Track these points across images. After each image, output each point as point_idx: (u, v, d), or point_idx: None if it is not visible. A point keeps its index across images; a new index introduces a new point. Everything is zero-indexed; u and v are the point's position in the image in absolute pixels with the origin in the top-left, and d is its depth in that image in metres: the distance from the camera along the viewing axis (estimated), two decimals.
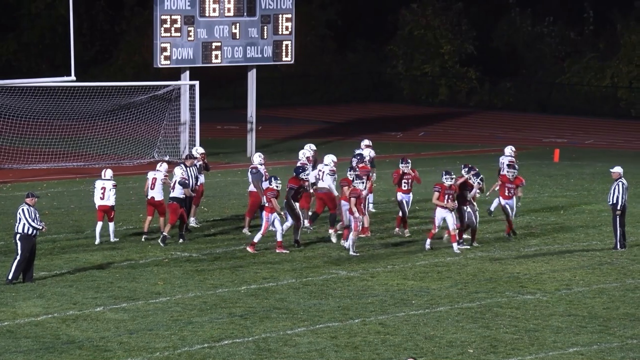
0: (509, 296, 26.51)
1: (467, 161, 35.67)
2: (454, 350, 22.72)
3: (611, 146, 49.79)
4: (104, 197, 31.76)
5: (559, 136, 53.81)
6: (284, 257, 29.96)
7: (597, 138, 50.26)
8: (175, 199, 31.45)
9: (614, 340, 23.56)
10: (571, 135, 54.55)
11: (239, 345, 22.74)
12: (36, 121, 45.18)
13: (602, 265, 29.48)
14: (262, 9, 47.33)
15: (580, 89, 66.34)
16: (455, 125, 60.17)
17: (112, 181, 31.97)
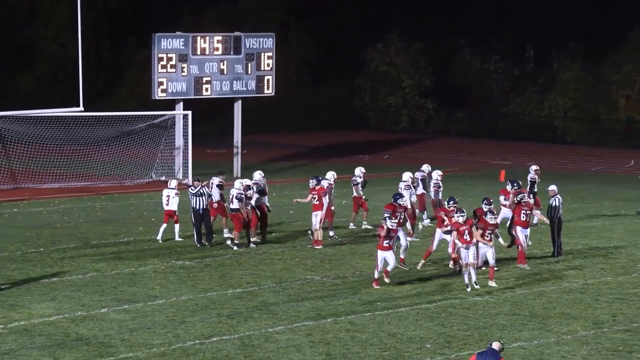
0: (461, 298, 26.54)
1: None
2: (413, 345, 22.73)
3: (549, 167, 49.81)
4: (169, 203, 32.91)
5: (504, 159, 53.90)
6: (265, 264, 29.92)
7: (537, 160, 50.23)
8: (235, 210, 31.76)
9: (551, 336, 23.62)
10: (515, 158, 54.63)
11: (226, 342, 22.72)
12: (49, 146, 45.09)
13: (542, 271, 29.56)
14: (246, 48, 47.43)
15: (523, 118, 66.59)
16: (414, 149, 60.26)
17: (175, 190, 33.12)
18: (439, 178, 36.00)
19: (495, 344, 18.06)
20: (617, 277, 28.58)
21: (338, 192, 38.93)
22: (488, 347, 18.08)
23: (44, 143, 45.05)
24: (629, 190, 39.86)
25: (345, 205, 38.56)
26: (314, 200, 31.52)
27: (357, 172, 35.37)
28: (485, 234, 27.31)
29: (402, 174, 35.28)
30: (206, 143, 53.03)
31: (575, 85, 65.57)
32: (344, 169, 48.30)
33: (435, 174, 36.15)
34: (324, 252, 31.42)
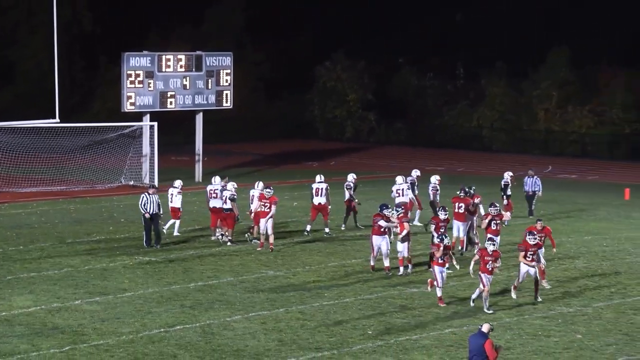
0: (400, 290, 26.61)
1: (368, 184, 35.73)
2: (357, 332, 22.77)
3: (477, 172, 50.09)
4: (172, 201, 33.25)
5: (438, 165, 54.10)
6: (224, 260, 29.84)
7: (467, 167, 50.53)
8: (228, 210, 31.82)
9: (478, 322, 23.71)
10: (448, 165, 54.85)
11: (188, 330, 22.67)
12: (28, 154, 44.75)
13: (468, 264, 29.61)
14: (207, 66, 47.35)
15: (455, 129, 66.87)
16: (358, 157, 60.36)
17: (178, 189, 33.44)
18: (436, 182, 35.78)
19: (485, 326, 18.07)
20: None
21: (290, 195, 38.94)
22: (479, 329, 18.03)
23: (24, 152, 44.73)
24: (546, 192, 40.11)
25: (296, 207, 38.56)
26: (265, 208, 31.00)
27: (350, 178, 34.98)
28: (527, 255, 25.34)
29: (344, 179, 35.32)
30: (171, 151, 52.83)
31: (501, 100, 65.96)
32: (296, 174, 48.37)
33: (433, 178, 35.97)
34: (276, 249, 31.36)
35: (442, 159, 57.91)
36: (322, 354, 21.17)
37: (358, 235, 33.81)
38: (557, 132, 63.89)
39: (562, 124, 63.82)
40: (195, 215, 37.74)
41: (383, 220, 27.98)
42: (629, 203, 43.05)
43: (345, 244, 32.48)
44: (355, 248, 31.83)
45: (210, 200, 32.65)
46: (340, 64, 69.55)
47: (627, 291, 26.96)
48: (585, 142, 62.93)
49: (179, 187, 33.61)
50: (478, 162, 57.78)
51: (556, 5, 67.14)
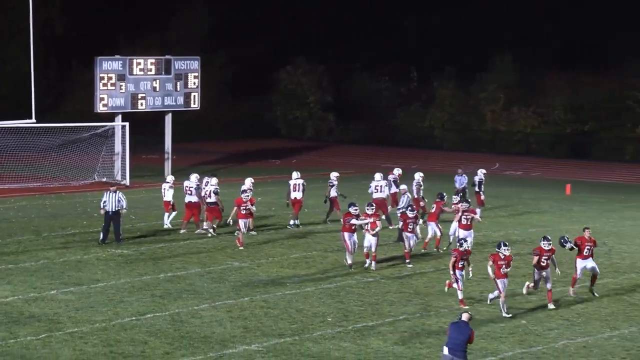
0: (357, 279, 26.66)
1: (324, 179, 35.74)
2: (317, 319, 22.80)
3: (429, 170, 50.24)
4: (165, 195, 33.23)
5: (393, 163, 54.20)
6: (192, 253, 29.79)
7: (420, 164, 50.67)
8: (212, 203, 32.01)
9: (431, 309, 23.83)
10: (402, 162, 55.02)
11: (158, 318, 22.62)
12: (5, 153, 44.45)
13: (424, 255, 29.80)
14: (175, 69, 47.23)
15: (408, 129, 67.07)
16: (318, 155, 60.40)
17: (170, 183, 33.48)
18: (420, 179, 35.51)
19: (465, 315, 17.97)
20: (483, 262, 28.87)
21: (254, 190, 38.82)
22: (458, 317, 17.93)
23: (2, 151, 44.39)
24: (493, 188, 40.38)
25: (259, 202, 38.45)
26: (243, 210, 30.41)
27: (332, 176, 34.96)
28: (541, 260, 24.09)
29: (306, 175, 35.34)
30: (141, 150, 52.62)
31: (451, 102, 66.23)
32: (260, 171, 48.32)
33: (417, 175, 35.62)
34: (246, 243, 31.32)
35: (397, 157, 58.06)
36: (285, 340, 21.19)
37: (319, 229, 33.87)
38: (503, 131, 64.26)
39: (507, 124, 64.20)
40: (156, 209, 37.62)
41: (354, 218, 27.54)
42: (570, 198, 43.39)
43: (307, 237, 32.52)
44: (315, 240, 31.88)
45: (185, 196, 32.69)
46: (301, 68, 69.61)
47: (568, 280, 27.16)
48: (529, 141, 63.34)
49: (170, 182, 33.65)
50: (430, 160, 57.96)
51: (502, 14, 67.47)
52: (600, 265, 28.49)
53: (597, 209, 40.39)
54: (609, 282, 26.90)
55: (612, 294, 25.48)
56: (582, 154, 60.34)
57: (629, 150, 60.15)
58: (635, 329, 22.57)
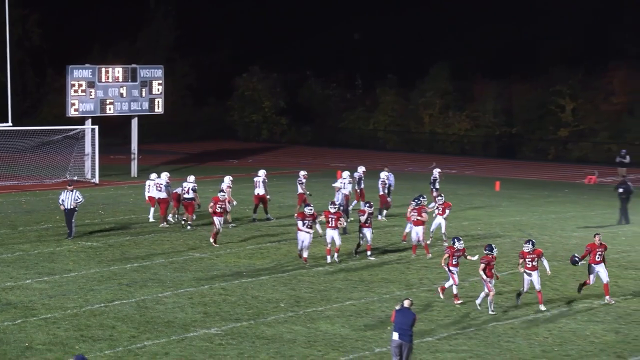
0: (308, 268, 26.67)
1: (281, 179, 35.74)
2: (271, 305, 22.79)
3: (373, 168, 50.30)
4: (149, 191, 33.04)
5: (341, 162, 54.35)
6: (157, 245, 29.64)
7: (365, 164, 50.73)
8: (189, 199, 32.03)
9: (375, 295, 23.91)
10: (349, 162, 55.10)
11: (125, 305, 22.50)
12: None
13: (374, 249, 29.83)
14: (141, 77, 47.01)
15: (354, 131, 67.20)
16: (273, 155, 60.31)
17: (153, 181, 32.99)
18: (385, 177, 35.28)
19: (406, 302, 17.86)
20: (421, 250, 29.04)
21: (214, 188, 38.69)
22: (400, 305, 17.85)
23: None
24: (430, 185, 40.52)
25: None
26: (219, 209, 29.76)
27: (301, 174, 34.79)
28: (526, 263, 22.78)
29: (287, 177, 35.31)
30: (109, 151, 52.22)
31: (393, 106, 66.44)
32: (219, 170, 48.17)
33: (382, 173, 35.46)
34: (202, 234, 31.24)
35: (344, 157, 58.18)
36: (241, 324, 21.16)
37: (273, 222, 33.83)
38: (440, 133, 64.59)
39: (444, 127, 64.54)
40: (132, 205, 37.44)
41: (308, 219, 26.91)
42: (499, 194, 43.71)
43: (261, 229, 32.47)
44: (269, 233, 31.86)
45: (160, 191, 32.74)
46: (256, 76, 69.49)
47: (497, 266, 27.34)
48: (463, 142, 63.73)
49: (154, 180, 33.29)
50: (374, 159, 58.12)
51: (439, 26, 67.81)
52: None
53: (523, 203, 40.74)
54: None
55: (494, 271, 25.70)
56: (510, 154, 60.85)
57: (552, 151, 60.75)
58: (556, 311, 22.80)
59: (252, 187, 34.62)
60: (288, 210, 35.44)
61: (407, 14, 69.56)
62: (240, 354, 19.12)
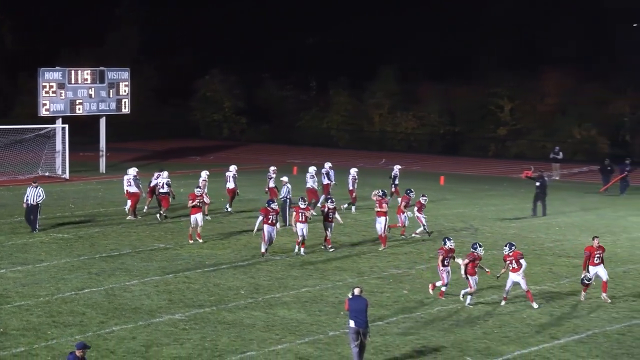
0: (267, 258, 26.66)
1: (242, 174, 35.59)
2: (232, 292, 22.75)
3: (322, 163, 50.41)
4: (127, 186, 32.37)
5: (296, 159, 54.34)
6: (124, 236, 29.45)
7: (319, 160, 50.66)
8: (164, 193, 31.99)
9: (329, 283, 23.93)
10: (303, 158, 55.11)
11: (94, 292, 22.36)
12: None
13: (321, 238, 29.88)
14: (109, 79, 46.66)
15: (309, 130, 67.18)
16: (233, 152, 60.09)
17: (130, 176, 32.38)
18: (355, 173, 35.11)
19: (357, 290, 17.76)
20: (375, 241, 29.16)
21: (177, 183, 38.51)
22: (352, 292, 17.76)
23: None
24: (381, 180, 40.71)
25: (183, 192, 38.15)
26: (198, 203, 28.96)
27: (271, 170, 34.45)
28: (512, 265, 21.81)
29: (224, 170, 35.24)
30: (79, 148, 51.70)
31: (345, 107, 66.52)
32: (182, 167, 47.95)
33: (353, 170, 35.27)
34: (168, 226, 31.08)
35: (299, 154, 58.18)
36: (204, 310, 21.11)
37: (234, 215, 33.75)
38: (389, 132, 64.81)
39: (392, 126, 64.77)
40: (100, 199, 37.16)
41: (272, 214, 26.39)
42: (444, 188, 43.95)
43: (223, 222, 32.38)
44: (230, 225, 31.77)
45: (129, 186, 32.55)
46: (217, 78, 69.25)
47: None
48: (410, 140, 64.01)
49: (131, 176, 32.83)
50: (328, 156, 58.01)
51: (388, 32, 68.00)
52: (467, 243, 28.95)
53: (466, 197, 41.03)
54: None
55: (478, 268, 25.76)
56: (454, 151, 61.23)
57: (492, 148, 61.21)
58: (496, 296, 23.00)
59: (219, 181, 34.50)
60: (248, 204, 35.35)
61: (358, 20, 69.75)
62: (202, 338, 19.08)
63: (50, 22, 68.77)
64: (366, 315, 17.41)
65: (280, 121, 68.78)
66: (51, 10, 67.97)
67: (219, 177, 36.04)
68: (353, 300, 17.56)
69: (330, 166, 36.28)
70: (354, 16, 69.96)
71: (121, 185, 33.63)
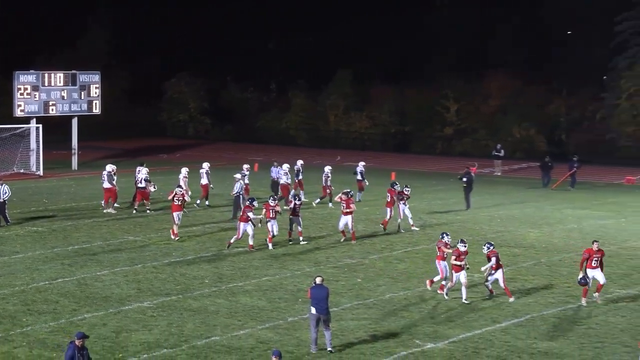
0: (231, 248, 26.59)
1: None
2: (197, 281, 22.68)
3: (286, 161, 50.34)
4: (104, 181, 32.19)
5: (258, 156, 54.22)
6: (95, 229, 29.19)
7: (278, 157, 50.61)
8: (142, 188, 32.10)
9: (288, 272, 23.91)
10: (264, 156, 55.02)
11: (67, 282, 22.17)
12: None
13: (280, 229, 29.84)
14: (80, 82, 46.27)
15: (269, 129, 67.00)
16: (198, 150, 59.75)
17: (105, 172, 32.15)
18: (329, 172, 34.99)
19: (318, 279, 17.75)
20: (334, 234, 29.20)
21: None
22: (314, 281, 17.72)
23: None
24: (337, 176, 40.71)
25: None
26: (177, 202, 28.21)
27: (244, 167, 34.21)
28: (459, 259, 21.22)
29: (190, 166, 35.04)
30: (52, 147, 51.06)
31: (303, 107, 66.50)
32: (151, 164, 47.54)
33: (326, 168, 35.17)
34: (137, 220, 30.87)
35: (260, 151, 58.06)
36: (171, 298, 21.03)
37: (200, 209, 33.59)
38: (344, 131, 64.91)
39: (347, 126, 64.86)
40: (73, 195, 36.81)
41: (251, 212, 26.09)
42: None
43: (188, 216, 32.22)
44: (196, 219, 31.61)
45: (102, 182, 32.51)
46: (184, 81, 68.90)
47: (393, 246, 27.72)
48: (363, 139, 64.15)
49: (107, 171, 32.54)
50: (286, 154, 58.05)
51: (343, 38, 68.11)
52: (416, 233, 29.14)
53: (415, 191, 41.13)
54: (424, 248, 27.49)
55: (426, 257, 26.00)
56: (404, 149, 61.50)
57: (439, 146, 61.56)
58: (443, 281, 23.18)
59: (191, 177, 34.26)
60: (213, 199, 35.15)
61: (314, 27, 69.82)
62: (169, 324, 19.00)
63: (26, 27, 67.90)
64: (327, 302, 17.46)
65: (242, 121, 68.57)
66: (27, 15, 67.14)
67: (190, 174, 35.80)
68: (315, 288, 17.59)
69: (302, 163, 36.35)
70: (313, 24, 70.08)
71: (93, 181, 33.35)
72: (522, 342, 18.53)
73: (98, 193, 34.69)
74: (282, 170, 34.74)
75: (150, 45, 71.36)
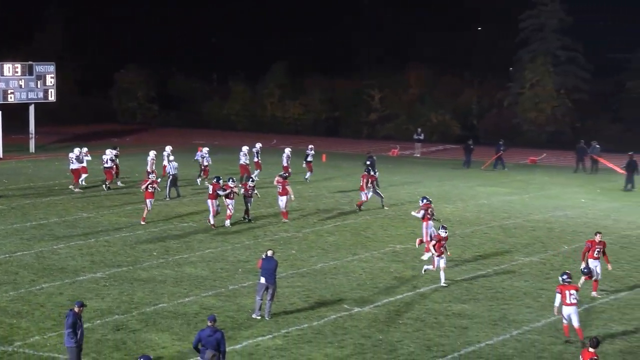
0: (175, 224, 26.37)
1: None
2: (146, 254, 22.46)
3: (227, 145, 50.10)
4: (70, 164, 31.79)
5: (201, 140, 53.73)
6: (51, 207, 28.67)
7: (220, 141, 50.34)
8: (108, 168, 32.00)
9: (229, 245, 23.87)
10: (207, 139, 54.60)
11: (26, 255, 21.82)
12: None
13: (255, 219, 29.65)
14: (36, 72, 45.34)
15: (212, 116, 66.42)
16: (147, 135, 59.02)
17: (74, 154, 31.73)
18: (289, 152, 35.31)
19: (269, 252, 17.64)
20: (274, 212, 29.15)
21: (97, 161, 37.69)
22: (265, 254, 17.56)
23: None
24: (272, 158, 40.68)
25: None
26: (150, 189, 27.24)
27: (204, 150, 34.03)
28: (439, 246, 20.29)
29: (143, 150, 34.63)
30: (11, 131, 49.92)
31: (242, 96, 66.13)
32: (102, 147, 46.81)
33: (287, 149, 35.23)
34: (90, 198, 30.37)
35: (204, 136, 57.59)
36: (122, 269, 20.84)
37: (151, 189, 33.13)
38: (279, 117, 64.77)
39: (282, 112, 64.74)
40: (30, 175, 36.07)
41: (221, 189, 25.69)
42: (325, 164, 44.22)
43: (138, 194, 31.84)
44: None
45: (70, 164, 32.17)
46: (133, 71, 67.89)
47: (324, 221, 27.84)
48: (297, 124, 64.14)
49: (78, 153, 32.10)
50: (227, 138, 57.79)
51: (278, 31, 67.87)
52: (345, 210, 29.30)
53: (344, 171, 41.43)
54: (352, 222, 27.67)
55: (354, 231, 26.16)
56: (334, 133, 61.70)
57: (365, 130, 61.93)
58: (368, 254, 23.39)
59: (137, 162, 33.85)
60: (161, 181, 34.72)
61: (253, 20, 69.54)
62: (121, 293, 18.83)
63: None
64: (275, 273, 17.51)
65: (187, 108, 67.92)
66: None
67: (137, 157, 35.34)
68: (265, 260, 17.67)
69: (260, 146, 36.32)
70: (251, 17, 69.75)
71: (49, 163, 32.66)
72: (438, 305, 18.84)
73: (54, 174, 34.08)
74: (241, 152, 34.59)
75: (102, 38, 70.20)
